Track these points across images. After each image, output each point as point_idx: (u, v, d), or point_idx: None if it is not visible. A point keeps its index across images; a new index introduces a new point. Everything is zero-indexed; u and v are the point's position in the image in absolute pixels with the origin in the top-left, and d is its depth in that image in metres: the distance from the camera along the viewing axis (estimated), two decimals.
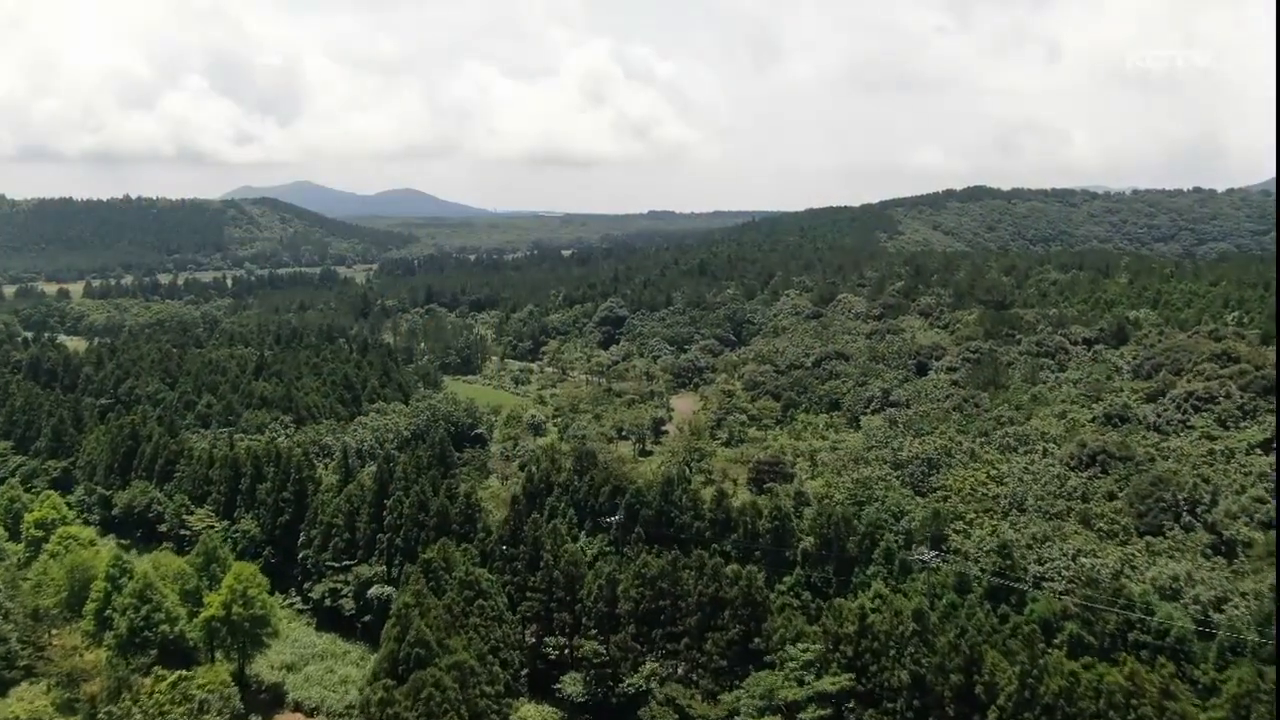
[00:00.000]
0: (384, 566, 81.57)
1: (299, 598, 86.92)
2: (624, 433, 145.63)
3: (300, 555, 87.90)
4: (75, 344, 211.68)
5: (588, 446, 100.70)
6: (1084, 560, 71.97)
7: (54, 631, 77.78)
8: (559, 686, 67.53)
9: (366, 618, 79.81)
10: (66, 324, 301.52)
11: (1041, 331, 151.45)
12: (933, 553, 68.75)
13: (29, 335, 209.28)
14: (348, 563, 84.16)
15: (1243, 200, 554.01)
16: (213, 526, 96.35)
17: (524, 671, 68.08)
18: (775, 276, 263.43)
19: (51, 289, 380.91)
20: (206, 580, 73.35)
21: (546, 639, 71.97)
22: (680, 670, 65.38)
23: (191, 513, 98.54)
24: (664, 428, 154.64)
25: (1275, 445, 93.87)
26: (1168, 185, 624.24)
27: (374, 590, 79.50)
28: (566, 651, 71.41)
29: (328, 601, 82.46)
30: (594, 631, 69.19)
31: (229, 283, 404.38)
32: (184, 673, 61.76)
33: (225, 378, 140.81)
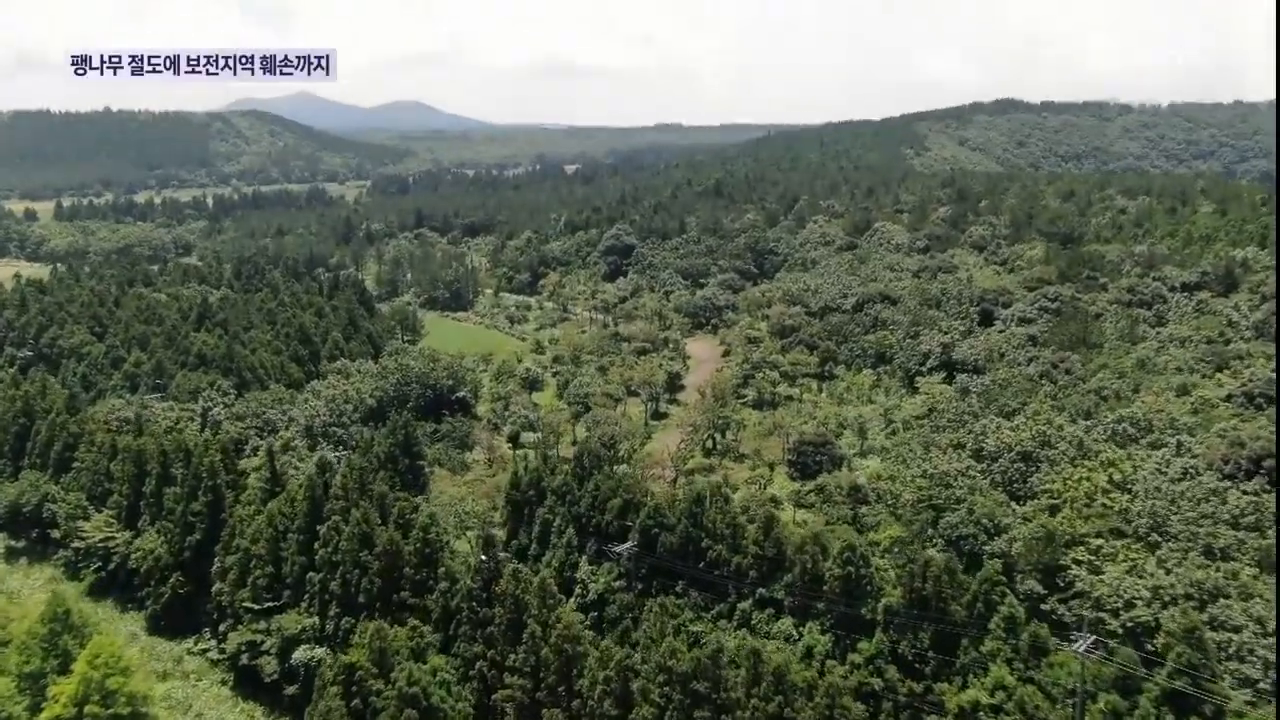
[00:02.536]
0: (315, 618, 60.85)
1: (214, 643, 66.66)
2: (633, 389, 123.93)
3: (214, 588, 67.26)
4: (31, 272, 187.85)
5: (591, 447, 78.82)
6: None
7: None
8: None
9: (293, 688, 59.57)
10: (27, 249, 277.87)
11: (1129, 274, 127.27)
12: (1090, 637, 47.35)
13: None
14: (271, 604, 63.54)
15: None
16: (113, 538, 75.95)
17: None
18: (800, 200, 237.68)
19: (21, 208, 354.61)
20: (56, 658, 52.35)
21: None
22: None
23: (88, 517, 77.94)
24: (680, 382, 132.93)
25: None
26: (1185, 99, 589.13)
27: (300, 653, 58.97)
28: None
29: (245, 658, 62.10)
30: None
31: (210, 202, 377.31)
32: None
33: (161, 328, 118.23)
